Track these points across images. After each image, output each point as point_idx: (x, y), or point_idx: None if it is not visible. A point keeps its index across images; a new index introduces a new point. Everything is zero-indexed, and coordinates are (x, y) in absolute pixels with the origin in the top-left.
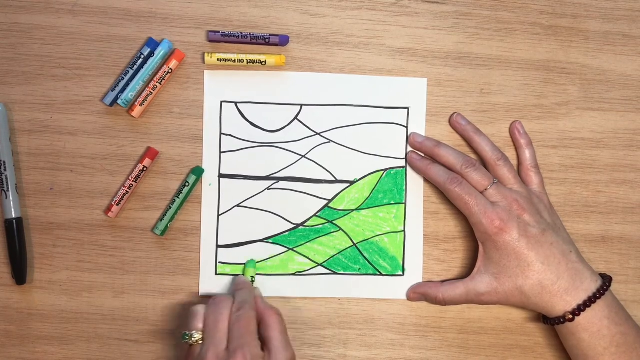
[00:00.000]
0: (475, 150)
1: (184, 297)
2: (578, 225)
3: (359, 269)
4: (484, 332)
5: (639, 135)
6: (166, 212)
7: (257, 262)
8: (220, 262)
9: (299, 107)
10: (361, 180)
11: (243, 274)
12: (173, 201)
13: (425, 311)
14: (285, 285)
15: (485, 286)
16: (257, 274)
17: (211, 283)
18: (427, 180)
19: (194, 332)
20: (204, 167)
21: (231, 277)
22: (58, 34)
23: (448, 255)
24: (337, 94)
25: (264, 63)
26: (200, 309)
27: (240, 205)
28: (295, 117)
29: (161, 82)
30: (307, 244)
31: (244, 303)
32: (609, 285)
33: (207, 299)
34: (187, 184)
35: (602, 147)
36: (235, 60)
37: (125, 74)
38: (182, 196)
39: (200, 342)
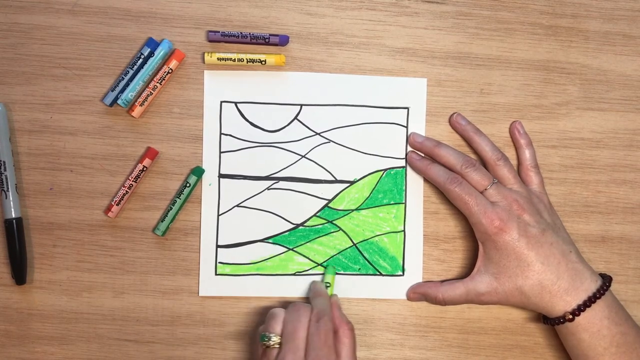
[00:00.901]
0: (475, 150)
1: (184, 297)
2: (578, 225)
3: (359, 269)
4: (484, 332)
5: (639, 135)
6: (167, 213)
7: (257, 262)
8: (220, 262)
9: (299, 107)
10: (361, 180)
11: (322, 280)
12: (174, 202)
13: (425, 311)
14: (285, 285)
15: (485, 286)
16: (257, 274)
17: (211, 283)
18: (427, 180)
19: (272, 334)
20: (204, 167)
21: (231, 277)
22: (58, 34)
23: (448, 255)
24: (337, 94)
25: (264, 62)
26: (279, 312)
27: (240, 205)
28: (295, 117)
29: (161, 82)
30: (307, 244)
31: (323, 314)
32: (609, 285)
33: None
34: (187, 185)
35: (602, 147)
36: (235, 59)
37: (125, 74)
38: (182, 197)
39: (277, 346)
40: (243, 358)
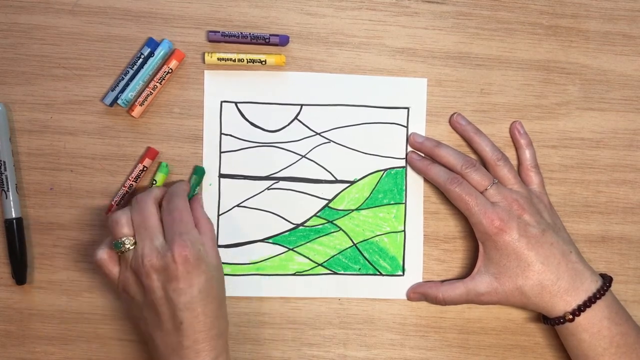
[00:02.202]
0: (475, 151)
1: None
2: (578, 225)
3: (359, 269)
4: (484, 332)
5: (639, 135)
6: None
7: (257, 262)
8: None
9: (299, 107)
10: (361, 180)
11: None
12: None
13: (425, 311)
14: (285, 285)
15: (485, 286)
16: (257, 274)
17: None
18: (427, 180)
19: (125, 238)
20: (204, 167)
21: (231, 277)
22: (58, 34)
23: (448, 255)
24: (337, 94)
25: (264, 62)
26: (122, 213)
27: (240, 205)
28: (295, 117)
29: (161, 82)
30: (307, 244)
31: (173, 195)
32: (609, 286)
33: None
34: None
35: (602, 147)
36: (235, 59)
37: (125, 74)
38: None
39: (133, 246)
40: (243, 357)
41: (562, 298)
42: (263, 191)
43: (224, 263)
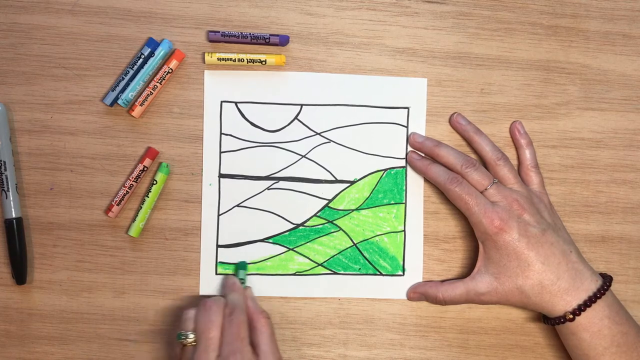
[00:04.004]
0: (475, 150)
1: (184, 297)
2: (578, 225)
3: (359, 269)
4: (484, 332)
5: (639, 135)
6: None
7: (257, 262)
8: (220, 262)
9: (299, 107)
10: (361, 180)
11: (234, 274)
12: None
13: (425, 311)
14: (285, 285)
15: (486, 286)
16: (257, 274)
17: (211, 283)
18: (427, 180)
19: (189, 332)
20: (204, 167)
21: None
22: (58, 34)
23: (448, 255)
24: (337, 94)
25: (264, 62)
26: (193, 312)
27: (240, 205)
28: (295, 117)
29: (161, 82)
30: (307, 244)
31: (236, 307)
32: (609, 285)
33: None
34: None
35: (602, 147)
36: (235, 59)
37: (126, 74)
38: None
39: (194, 344)
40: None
41: (562, 298)
42: (263, 191)
43: (224, 263)
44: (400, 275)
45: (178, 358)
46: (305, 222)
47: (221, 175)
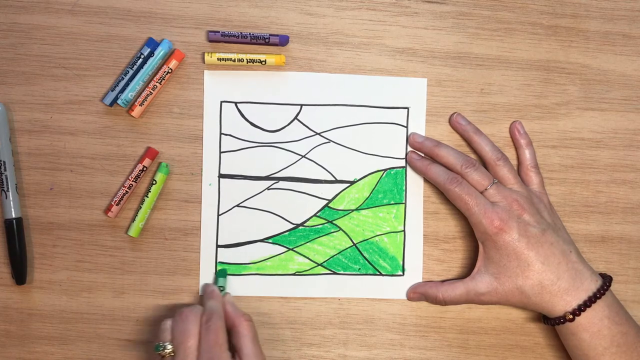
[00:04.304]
0: (475, 150)
1: (184, 297)
2: (578, 225)
3: (359, 269)
4: (484, 332)
5: (639, 135)
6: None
7: (257, 262)
8: (220, 262)
9: (299, 107)
10: (361, 180)
11: (214, 283)
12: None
13: (425, 311)
14: (285, 285)
15: (485, 286)
16: (257, 274)
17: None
18: (427, 180)
19: (167, 343)
20: (203, 167)
21: (231, 277)
22: (58, 34)
23: (448, 255)
24: (337, 94)
25: (264, 62)
26: (170, 323)
27: (240, 205)
28: (295, 117)
29: (161, 82)
30: (307, 244)
31: (213, 314)
32: (609, 285)
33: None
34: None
35: (602, 147)
36: (235, 59)
37: (125, 74)
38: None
39: (172, 354)
40: None
41: (562, 298)
42: (263, 191)
43: (224, 263)
44: (400, 275)
45: None
46: (305, 222)
47: (221, 175)
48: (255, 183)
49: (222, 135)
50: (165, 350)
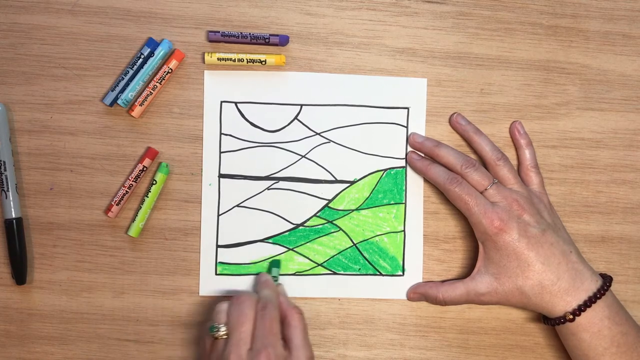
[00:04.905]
0: (475, 150)
1: (184, 297)
2: (578, 225)
3: (359, 269)
4: (484, 332)
5: (639, 135)
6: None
7: (257, 262)
8: (220, 262)
9: (299, 107)
10: (361, 180)
11: (268, 272)
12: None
13: (425, 311)
14: (285, 285)
15: (485, 286)
16: (257, 274)
17: (211, 283)
18: (427, 180)
19: (221, 325)
20: (203, 167)
21: (231, 277)
22: (58, 34)
23: (448, 255)
24: (337, 94)
25: (264, 62)
26: (226, 305)
27: (240, 205)
28: (295, 117)
29: (161, 82)
30: (307, 244)
31: (268, 302)
32: (609, 285)
33: (224, 297)
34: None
35: (602, 147)
36: (235, 59)
37: (125, 74)
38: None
39: (226, 336)
40: None
41: (562, 298)
42: (263, 191)
43: (224, 263)
44: (400, 275)
45: (208, 351)
46: (305, 222)
47: (221, 175)
48: (255, 183)
49: (222, 135)
50: (219, 332)
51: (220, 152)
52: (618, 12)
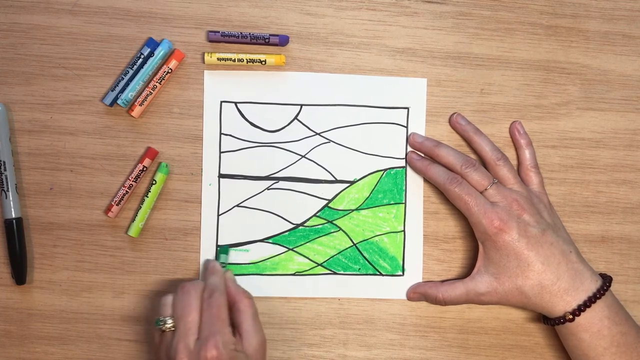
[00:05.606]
0: (475, 150)
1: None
2: (578, 225)
3: (359, 269)
4: (484, 332)
5: (639, 135)
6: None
7: (257, 262)
8: (220, 262)
9: (299, 107)
10: (361, 180)
11: (215, 259)
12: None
13: (425, 311)
14: (285, 285)
15: (485, 286)
16: (257, 274)
17: None
18: (427, 180)
19: (167, 317)
20: (203, 167)
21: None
22: (58, 34)
23: (448, 255)
24: (337, 94)
25: (264, 62)
26: (171, 298)
27: (240, 205)
28: (295, 117)
29: (161, 82)
30: (307, 244)
31: (215, 289)
32: (609, 285)
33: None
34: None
35: (602, 147)
36: (235, 59)
37: (125, 74)
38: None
39: (173, 329)
40: None
41: (562, 298)
42: (263, 191)
43: (223, 263)
44: (400, 275)
45: (157, 344)
46: (305, 222)
47: (221, 175)
48: (255, 183)
49: (222, 135)
50: (166, 325)
51: (220, 152)
52: (618, 12)
